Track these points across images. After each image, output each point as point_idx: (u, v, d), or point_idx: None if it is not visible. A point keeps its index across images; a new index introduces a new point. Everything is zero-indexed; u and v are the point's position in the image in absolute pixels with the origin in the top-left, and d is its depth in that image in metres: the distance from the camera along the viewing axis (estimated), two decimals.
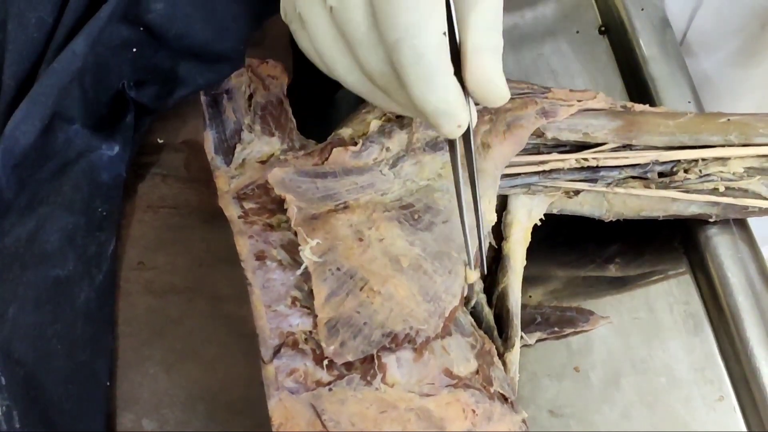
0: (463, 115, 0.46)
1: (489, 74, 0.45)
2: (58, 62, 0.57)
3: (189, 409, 0.55)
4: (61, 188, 0.58)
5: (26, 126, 0.56)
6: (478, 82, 0.45)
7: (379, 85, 0.48)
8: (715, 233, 0.65)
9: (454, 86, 0.45)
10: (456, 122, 0.46)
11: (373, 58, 0.46)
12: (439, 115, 0.45)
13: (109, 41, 0.59)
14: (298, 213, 0.54)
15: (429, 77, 0.44)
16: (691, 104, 0.75)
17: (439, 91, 0.44)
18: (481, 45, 0.45)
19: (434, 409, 0.48)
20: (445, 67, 0.44)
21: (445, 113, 0.45)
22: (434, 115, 0.45)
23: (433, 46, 0.44)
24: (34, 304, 0.54)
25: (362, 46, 0.46)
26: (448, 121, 0.46)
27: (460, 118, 0.46)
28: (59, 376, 0.53)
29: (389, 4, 0.44)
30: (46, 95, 0.57)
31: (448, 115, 0.45)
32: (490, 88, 0.45)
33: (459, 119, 0.46)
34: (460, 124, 0.46)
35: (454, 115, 0.45)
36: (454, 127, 0.46)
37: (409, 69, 0.44)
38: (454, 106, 0.45)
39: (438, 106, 0.45)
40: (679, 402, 0.60)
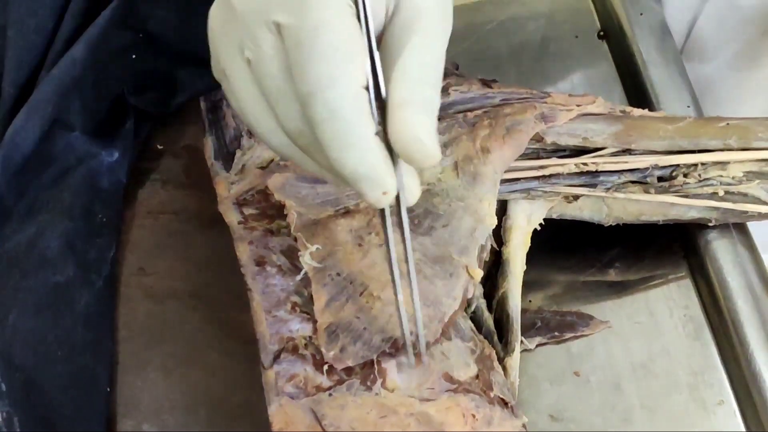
0: (388, 181, 0.40)
1: (413, 131, 0.39)
2: (57, 69, 0.57)
3: (189, 414, 0.55)
4: (61, 194, 0.58)
5: (26, 132, 0.56)
6: (401, 140, 0.39)
7: (300, 145, 0.43)
8: (714, 237, 0.65)
9: (376, 146, 0.40)
10: (380, 189, 0.40)
11: (291, 116, 0.42)
12: (358, 180, 0.40)
13: (109, 47, 0.59)
14: (298, 218, 0.54)
15: (344, 135, 0.39)
16: (691, 109, 0.74)
17: (357, 153, 0.39)
18: (407, 99, 0.40)
19: (434, 414, 0.48)
20: (364, 124, 0.39)
21: (366, 178, 0.40)
22: (354, 180, 0.40)
23: (348, 100, 0.39)
24: (34, 310, 0.54)
25: (279, 103, 0.42)
26: (370, 187, 0.40)
27: (385, 184, 0.40)
28: (59, 382, 0.53)
29: (302, 54, 0.39)
30: (46, 102, 0.57)
31: (369, 180, 0.40)
32: (415, 147, 0.40)
33: (384, 185, 0.40)
34: (386, 191, 0.40)
35: (377, 180, 0.40)
36: (379, 195, 0.40)
37: (323, 126, 0.39)
38: (375, 169, 0.40)
39: (356, 169, 0.40)
40: (679, 406, 0.60)
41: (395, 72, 0.41)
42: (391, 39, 0.42)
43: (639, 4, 0.81)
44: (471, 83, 0.63)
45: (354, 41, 0.40)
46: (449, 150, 0.59)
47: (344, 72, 0.39)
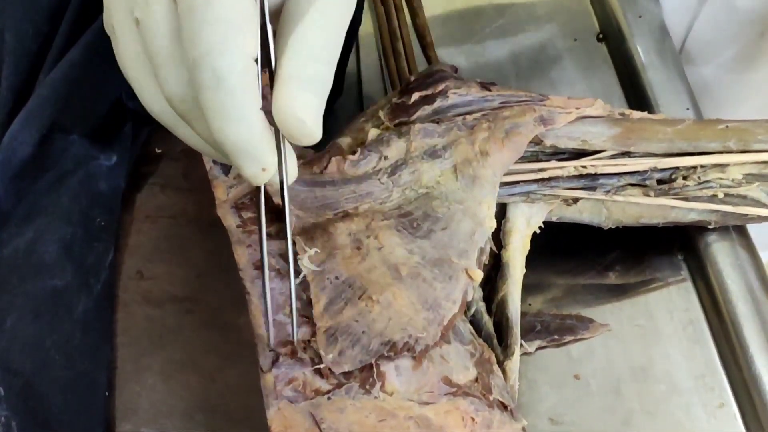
0: (268, 158, 0.40)
1: (295, 108, 0.39)
2: (55, 73, 0.57)
3: (188, 418, 0.55)
4: (59, 199, 0.58)
5: (24, 137, 0.56)
6: (282, 115, 0.39)
7: (180, 111, 0.42)
8: (714, 240, 0.65)
9: (259, 122, 0.40)
10: (259, 165, 0.40)
11: (174, 80, 0.41)
12: (238, 154, 0.40)
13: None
14: (297, 222, 0.54)
15: (229, 106, 0.39)
16: (690, 111, 0.75)
17: (240, 125, 0.39)
18: (293, 74, 0.40)
19: (433, 418, 0.48)
20: (251, 96, 0.39)
21: (246, 153, 0.40)
22: (233, 154, 0.40)
23: (237, 70, 0.38)
24: (32, 315, 0.54)
25: (164, 66, 0.41)
26: (249, 162, 0.40)
27: (265, 160, 0.40)
28: (58, 387, 0.53)
29: (194, 18, 0.38)
30: (43, 106, 0.57)
31: (248, 155, 0.40)
32: (295, 125, 0.40)
33: (263, 162, 0.40)
34: (265, 167, 0.41)
35: (257, 156, 0.40)
36: (258, 171, 0.41)
37: (208, 93, 0.38)
38: (257, 145, 0.40)
39: (237, 143, 0.39)
40: (679, 409, 0.60)
41: (287, 46, 0.40)
42: (287, 14, 0.42)
43: (638, 7, 0.81)
44: (470, 86, 0.63)
45: (248, 11, 0.39)
46: (448, 153, 0.59)
47: (236, 41, 0.38)
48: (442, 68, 0.66)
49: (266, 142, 0.40)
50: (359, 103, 0.78)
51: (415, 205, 0.56)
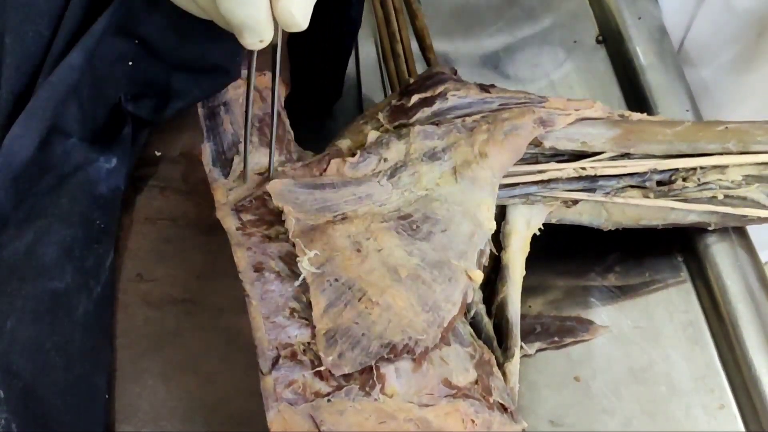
0: (267, 33, 0.47)
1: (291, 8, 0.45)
2: (55, 76, 0.57)
3: (188, 421, 0.55)
4: (58, 201, 0.58)
5: (24, 140, 0.56)
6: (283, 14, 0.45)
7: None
8: (714, 241, 0.65)
9: (265, 4, 0.45)
10: (259, 38, 0.47)
11: None
12: (243, 29, 0.46)
13: (106, 54, 0.59)
14: (297, 224, 0.54)
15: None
16: (689, 112, 0.75)
17: (248, 8, 0.45)
18: None
19: (433, 420, 0.48)
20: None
21: (250, 29, 0.46)
22: (238, 29, 0.46)
23: None
24: (32, 317, 0.54)
25: None
26: (250, 35, 0.46)
27: (265, 35, 0.47)
28: (58, 389, 0.53)
29: None
30: (43, 109, 0.57)
31: (252, 31, 0.46)
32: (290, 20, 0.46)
33: (263, 36, 0.47)
34: (262, 39, 0.47)
35: (259, 32, 0.46)
36: (256, 42, 0.47)
37: None
38: (260, 23, 0.46)
39: (244, 21, 0.45)
40: (679, 410, 0.60)
41: None
42: None
43: (637, 9, 0.81)
44: (469, 88, 0.63)
45: None
46: (448, 155, 0.59)
47: None
48: (441, 70, 0.66)
49: (268, 21, 0.46)
50: (359, 105, 0.78)
51: (414, 207, 0.56)
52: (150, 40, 0.59)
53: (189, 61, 0.60)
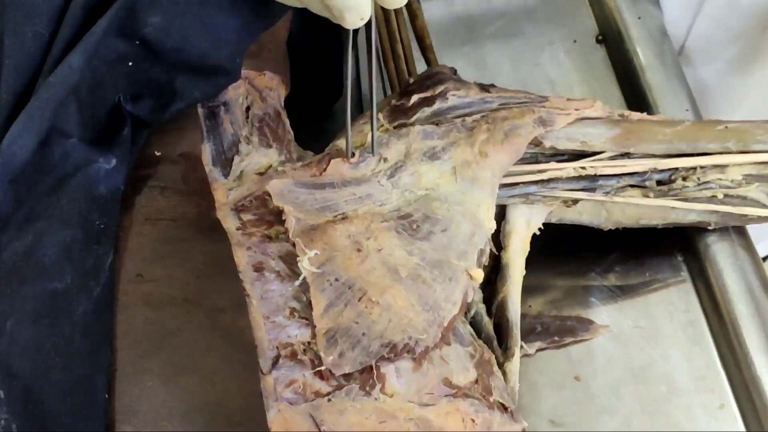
0: (366, 9, 0.49)
1: None
2: (54, 76, 0.57)
3: (188, 421, 0.55)
4: (58, 202, 0.58)
5: (23, 140, 0.56)
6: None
7: None
8: (714, 241, 0.65)
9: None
10: (359, 15, 0.49)
11: None
12: (345, 9, 0.49)
13: (106, 55, 0.59)
14: (297, 224, 0.54)
15: None
16: (689, 112, 0.75)
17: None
18: None
19: (434, 419, 0.48)
20: None
21: (352, 8, 0.49)
22: (340, 9, 0.49)
23: None
24: (32, 318, 0.54)
25: None
26: (352, 14, 0.49)
27: (363, 11, 0.49)
28: (58, 390, 0.53)
29: None
30: (43, 109, 0.57)
31: (353, 10, 0.49)
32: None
33: (362, 13, 0.49)
34: (362, 17, 0.50)
35: (359, 9, 0.49)
36: (357, 20, 0.50)
37: None
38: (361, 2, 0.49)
39: (346, 2, 0.49)
40: (679, 410, 0.60)
41: None
42: None
43: (637, 9, 0.81)
44: (469, 88, 0.63)
45: None
46: (447, 155, 0.59)
47: None
48: (441, 70, 0.66)
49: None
50: (359, 105, 0.78)
51: (414, 206, 0.56)
52: (150, 41, 0.59)
53: (189, 62, 0.60)
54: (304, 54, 0.68)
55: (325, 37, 0.69)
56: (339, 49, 0.72)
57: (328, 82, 0.76)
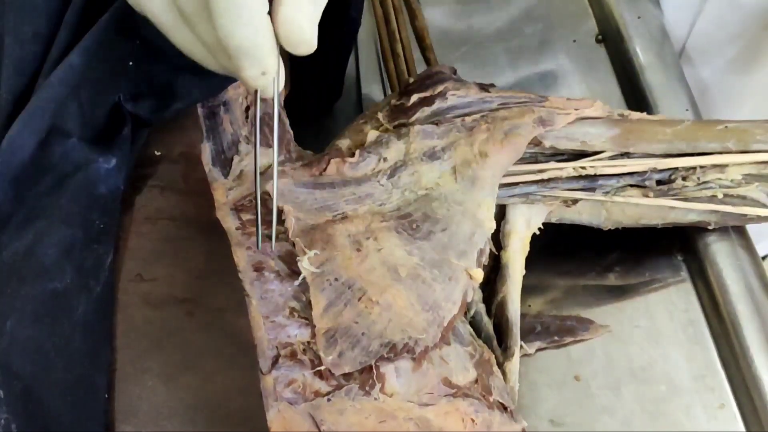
0: (269, 61, 0.43)
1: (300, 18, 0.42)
2: (54, 76, 0.57)
3: (188, 420, 0.55)
4: (58, 201, 0.58)
5: (23, 140, 0.56)
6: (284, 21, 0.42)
7: (185, 11, 0.43)
8: (714, 240, 0.65)
9: (266, 25, 0.42)
10: (260, 68, 0.43)
11: None
12: (242, 55, 0.42)
13: (106, 55, 0.59)
14: (296, 224, 0.54)
15: (238, 6, 0.40)
16: (689, 112, 0.75)
17: (247, 27, 0.41)
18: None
19: (433, 419, 0.48)
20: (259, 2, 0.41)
21: (250, 54, 0.42)
22: (237, 55, 0.42)
23: None
24: (32, 318, 0.54)
25: None
26: (251, 64, 0.43)
27: (266, 63, 0.43)
28: (58, 389, 0.53)
29: None
30: (42, 109, 0.57)
31: (251, 57, 0.42)
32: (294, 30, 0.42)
33: (264, 65, 0.43)
34: (264, 71, 0.43)
35: (260, 58, 0.42)
36: (257, 73, 0.43)
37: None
38: (260, 47, 0.42)
39: (242, 44, 0.41)
40: (680, 410, 0.60)
41: None
42: None
43: (637, 8, 0.81)
44: (469, 88, 0.63)
45: None
46: (447, 154, 0.59)
47: None
48: (441, 70, 0.66)
49: (269, 45, 0.42)
50: (358, 105, 0.78)
51: (414, 206, 0.56)
52: (151, 41, 0.59)
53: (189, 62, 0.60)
54: None
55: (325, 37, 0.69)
56: (339, 49, 0.72)
57: (328, 81, 0.76)
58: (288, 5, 0.42)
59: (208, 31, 0.43)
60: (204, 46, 0.45)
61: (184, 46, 0.46)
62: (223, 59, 0.44)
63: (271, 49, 0.42)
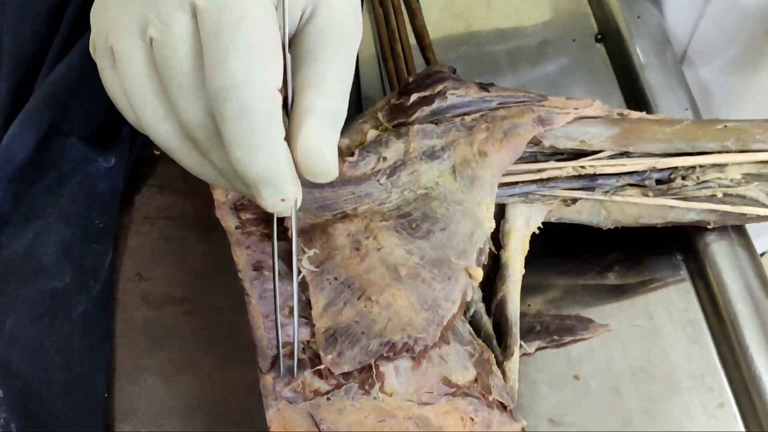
0: (289, 188, 0.40)
1: (318, 144, 0.40)
2: (54, 75, 0.57)
3: (187, 419, 0.55)
4: (57, 201, 0.58)
5: (23, 139, 0.56)
6: (305, 150, 0.39)
7: (196, 138, 0.41)
8: (713, 240, 0.65)
9: (283, 153, 0.39)
10: (280, 195, 0.40)
11: (193, 106, 0.39)
12: (260, 184, 0.40)
13: None
14: (296, 223, 0.54)
15: (254, 137, 0.38)
16: (689, 111, 0.75)
17: (264, 156, 0.39)
18: (317, 108, 0.40)
19: (433, 418, 0.48)
20: (275, 127, 0.38)
21: (268, 183, 0.39)
22: (255, 184, 0.40)
23: (262, 101, 0.38)
24: (31, 317, 0.54)
25: (182, 90, 0.39)
26: (270, 193, 0.40)
27: (287, 191, 0.40)
28: (57, 388, 0.53)
29: (219, 44, 0.37)
30: (42, 108, 0.57)
31: (271, 186, 0.40)
32: (316, 160, 0.40)
33: (284, 192, 0.40)
34: (285, 197, 0.40)
35: (279, 186, 0.40)
36: (277, 201, 0.40)
37: (232, 124, 0.38)
38: (279, 175, 0.39)
39: (260, 173, 0.39)
40: (679, 409, 0.60)
41: (309, 77, 0.40)
42: (304, 44, 0.41)
43: (636, 8, 0.81)
44: (468, 87, 0.63)
45: (275, 39, 0.38)
46: (447, 154, 0.59)
47: (262, 70, 0.38)
48: (440, 69, 0.66)
49: (289, 173, 0.40)
50: (358, 104, 0.78)
51: (414, 205, 0.56)
52: None
53: None
54: None
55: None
56: None
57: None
58: (308, 132, 0.40)
59: (222, 158, 0.40)
60: (217, 170, 0.42)
61: (194, 169, 0.44)
62: (240, 186, 0.42)
63: (290, 176, 0.40)
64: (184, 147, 0.42)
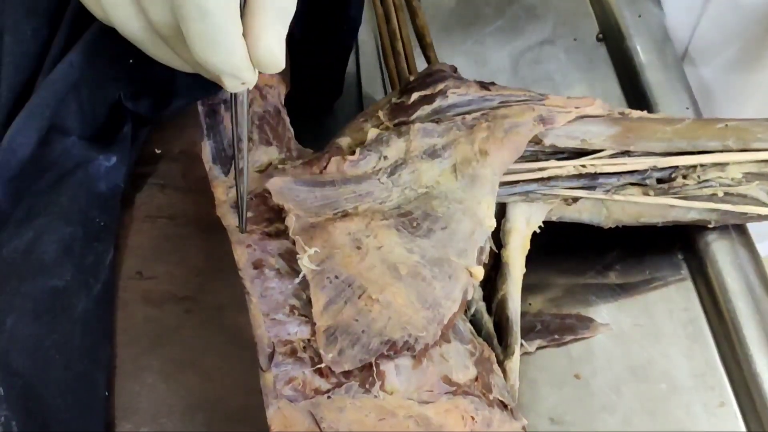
0: (247, 75, 0.45)
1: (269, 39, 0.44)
2: (54, 74, 0.57)
3: (188, 418, 0.55)
4: (58, 199, 0.58)
5: (23, 138, 0.56)
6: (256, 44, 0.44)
7: (163, 35, 0.46)
8: (714, 239, 0.65)
9: (241, 47, 0.43)
10: (239, 81, 0.45)
11: (158, 8, 0.44)
12: (221, 74, 0.44)
13: (106, 52, 0.59)
14: (297, 221, 0.54)
15: (213, 36, 0.42)
16: (689, 110, 0.75)
17: (223, 53, 0.43)
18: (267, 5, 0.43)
19: (433, 416, 0.48)
20: (233, 27, 0.43)
21: (228, 73, 0.44)
22: (215, 74, 0.45)
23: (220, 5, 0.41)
24: (32, 315, 0.54)
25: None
26: (230, 80, 0.45)
27: (245, 76, 0.45)
28: (58, 387, 0.53)
29: None
30: (42, 107, 0.57)
31: (230, 76, 0.45)
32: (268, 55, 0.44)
33: (243, 78, 0.45)
34: (244, 81, 0.45)
35: (238, 75, 0.45)
36: (237, 85, 0.46)
37: (192, 24, 0.42)
38: (238, 67, 0.44)
39: (220, 67, 0.44)
40: (679, 408, 0.60)
41: None
42: None
43: (637, 7, 0.81)
44: (469, 86, 0.63)
45: None
46: (448, 153, 0.59)
47: None
48: (441, 68, 0.66)
49: (246, 63, 0.44)
50: (359, 103, 0.78)
51: (414, 204, 0.56)
52: None
53: None
54: (304, 52, 0.67)
55: (325, 35, 0.69)
56: (339, 48, 0.72)
57: (329, 80, 0.76)
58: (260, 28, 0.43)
59: (187, 52, 0.44)
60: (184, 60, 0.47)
61: (163, 59, 0.49)
62: (203, 72, 0.47)
63: (247, 66, 0.44)
64: (153, 41, 0.47)
